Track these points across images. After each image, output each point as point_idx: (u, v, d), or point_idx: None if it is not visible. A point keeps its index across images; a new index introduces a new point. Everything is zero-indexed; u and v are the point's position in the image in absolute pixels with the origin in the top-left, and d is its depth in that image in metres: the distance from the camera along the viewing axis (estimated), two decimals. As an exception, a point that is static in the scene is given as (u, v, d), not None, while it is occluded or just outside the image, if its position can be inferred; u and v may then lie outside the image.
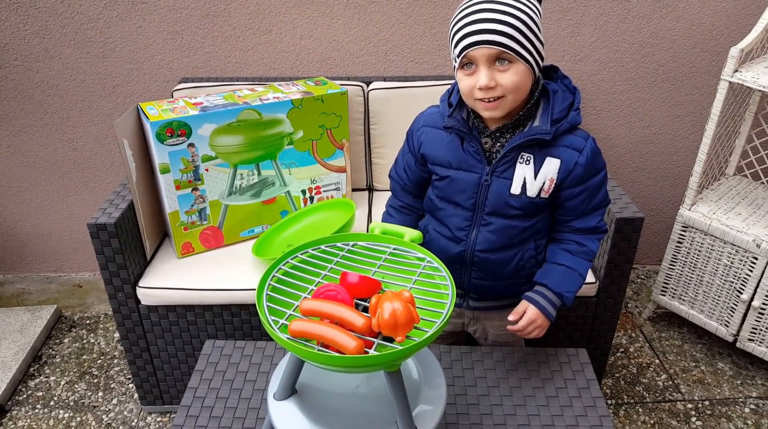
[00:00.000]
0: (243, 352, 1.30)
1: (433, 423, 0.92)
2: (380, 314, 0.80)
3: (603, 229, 1.23)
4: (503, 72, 1.05)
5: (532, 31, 1.04)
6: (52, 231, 2.43)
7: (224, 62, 2.12)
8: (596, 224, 1.21)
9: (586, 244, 1.21)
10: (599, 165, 1.17)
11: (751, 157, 2.19)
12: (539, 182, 1.14)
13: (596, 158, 1.16)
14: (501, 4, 1.03)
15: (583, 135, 1.16)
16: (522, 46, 1.03)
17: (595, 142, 1.16)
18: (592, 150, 1.15)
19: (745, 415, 1.88)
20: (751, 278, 1.87)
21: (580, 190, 1.17)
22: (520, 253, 1.23)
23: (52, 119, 2.20)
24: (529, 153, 1.13)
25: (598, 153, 1.17)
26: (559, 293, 1.20)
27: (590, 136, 1.17)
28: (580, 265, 1.22)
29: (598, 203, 1.20)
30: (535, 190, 1.15)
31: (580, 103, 1.15)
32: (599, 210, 1.21)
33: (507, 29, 1.02)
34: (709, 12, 2.07)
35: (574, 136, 1.14)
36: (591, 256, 1.22)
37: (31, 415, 1.90)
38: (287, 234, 1.84)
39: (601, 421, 1.14)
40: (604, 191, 1.20)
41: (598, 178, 1.17)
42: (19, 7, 2.00)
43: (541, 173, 1.14)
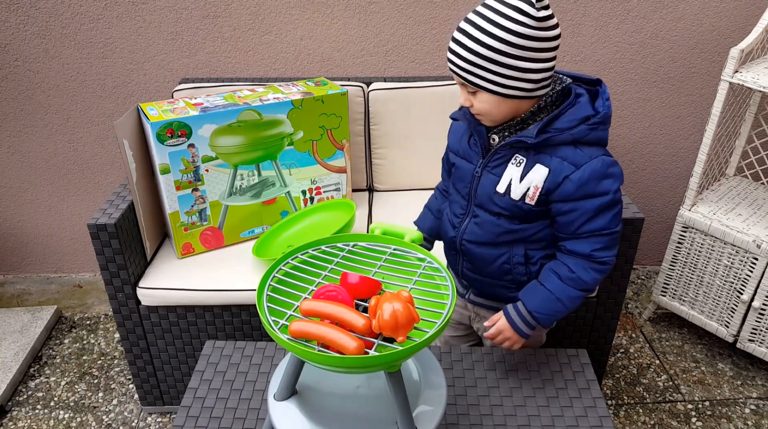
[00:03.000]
0: (243, 352, 1.30)
1: (433, 423, 0.92)
2: (380, 315, 0.80)
3: (600, 260, 1.12)
4: (473, 96, 1.10)
5: (496, 62, 1.02)
6: (53, 231, 2.43)
7: (224, 63, 2.12)
8: (589, 252, 1.12)
9: (577, 271, 1.13)
10: (601, 189, 1.08)
11: (752, 157, 2.19)
12: (524, 186, 1.12)
13: (598, 181, 1.08)
14: (474, 26, 1.02)
15: (593, 153, 1.08)
16: (481, 79, 1.04)
17: (607, 166, 1.08)
18: (594, 171, 1.07)
19: (745, 416, 1.88)
20: (752, 279, 1.87)
21: (570, 207, 1.10)
22: (507, 255, 1.20)
23: (53, 120, 2.20)
24: (523, 156, 1.12)
25: (605, 176, 1.08)
26: (533, 314, 1.16)
27: (605, 157, 1.08)
28: (565, 292, 1.14)
29: (594, 229, 1.11)
30: (518, 193, 1.13)
31: (602, 121, 1.08)
32: (596, 238, 1.11)
33: (463, 64, 1.04)
34: (710, 12, 2.07)
35: (579, 150, 1.08)
36: (581, 285, 1.14)
37: (31, 416, 1.90)
38: (287, 234, 1.84)
39: (601, 422, 1.14)
40: (606, 219, 1.10)
41: (596, 202, 1.09)
42: (19, 8, 2.00)
43: (527, 178, 1.12)
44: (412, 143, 2.03)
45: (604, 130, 1.10)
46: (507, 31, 0.99)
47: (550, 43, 1.02)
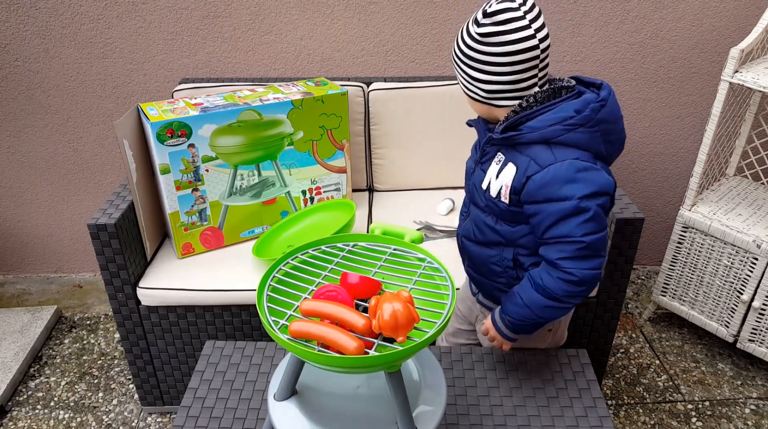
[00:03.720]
0: (243, 352, 1.30)
1: (433, 424, 0.92)
2: (380, 315, 0.80)
3: (566, 270, 1.05)
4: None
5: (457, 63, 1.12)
6: (53, 231, 2.43)
7: (224, 63, 2.12)
8: (555, 259, 1.07)
9: (544, 278, 1.09)
10: (562, 193, 1.03)
11: (752, 157, 2.19)
12: (498, 184, 1.13)
13: (561, 184, 1.03)
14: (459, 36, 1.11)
15: (565, 156, 1.04)
16: (458, 76, 1.14)
17: (576, 170, 1.03)
18: (557, 173, 1.03)
19: (745, 416, 1.88)
20: (752, 279, 1.87)
21: (534, 210, 1.08)
22: (498, 256, 1.20)
23: (53, 120, 2.20)
24: (503, 154, 1.13)
25: (570, 181, 1.03)
26: (504, 317, 1.17)
27: (578, 161, 1.03)
28: (532, 299, 1.11)
29: (558, 236, 1.05)
30: (495, 190, 1.14)
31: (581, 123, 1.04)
32: (562, 245, 1.06)
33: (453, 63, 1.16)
34: (710, 13, 2.07)
35: (551, 151, 1.05)
36: (547, 293, 1.09)
37: (31, 416, 1.90)
38: (287, 234, 1.84)
39: (601, 422, 1.14)
40: (571, 226, 1.04)
41: (558, 207, 1.04)
42: (19, 8, 2.00)
43: (501, 175, 1.12)
44: (412, 143, 2.03)
45: (584, 133, 1.04)
46: (461, 40, 1.09)
47: (495, 58, 1.05)
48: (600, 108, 1.05)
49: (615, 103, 1.08)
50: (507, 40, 1.03)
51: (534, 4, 1.05)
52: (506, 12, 1.02)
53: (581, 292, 1.08)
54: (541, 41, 1.05)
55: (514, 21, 1.02)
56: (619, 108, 1.10)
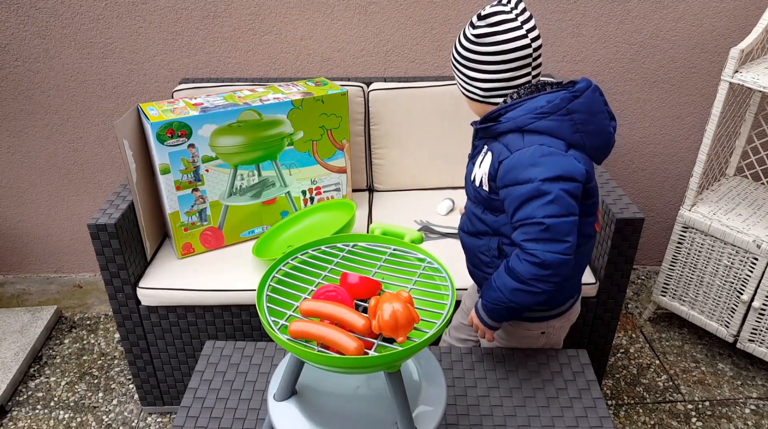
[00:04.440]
0: (243, 352, 1.30)
1: (433, 424, 0.92)
2: (380, 315, 0.80)
3: (528, 251, 1.07)
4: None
5: (455, 65, 1.19)
6: (53, 231, 2.43)
7: (224, 63, 2.12)
8: (520, 241, 1.08)
9: (512, 260, 1.11)
10: (524, 176, 1.06)
11: (752, 157, 2.19)
12: (480, 172, 1.18)
13: (524, 168, 1.06)
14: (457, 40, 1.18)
15: (530, 140, 1.08)
16: (456, 78, 1.22)
17: (540, 155, 1.06)
18: (522, 157, 1.07)
19: (745, 416, 1.88)
20: (752, 279, 1.87)
21: (504, 194, 1.11)
22: (486, 244, 1.23)
23: (53, 120, 2.20)
24: (486, 144, 1.20)
25: (533, 165, 1.05)
26: (482, 300, 1.19)
27: (544, 146, 1.06)
28: (500, 277, 1.14)
29: (522, 218, 1.07)
30: (478, 179, 1.19)
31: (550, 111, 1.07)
32: (525, 227, 1.07)
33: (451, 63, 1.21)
34: (710, 13, 2.07)
35: (522, 138, 1.09)
36: (514, 275, 1.10)
37: (31, 416, 1.90)
38: (287, 235, 1.84)
39: (601, 422, 1.14)
40: (532, 208, 1.06)
41: (520, 190, 1.06)
42: (19, 8, 2.00)
43: (482, 164, 1.18)
44: (412, 143, 2.03)
45: (554, 121, 1.07)
46: (458, 43, 1.16)
47: (490, 57, 1.12)
48: (572, 98, 1.08)
49: (594, 96, 1.10)
50: (500, 39, 1.11)
51: (525, 7, 1.13)
52: (499, 14, 1.11)
53: (547, 275, 1.07)
54: (532, 41, 1.12)
55: (507, 22, 1.10)
56: (601, 102, 1.12)
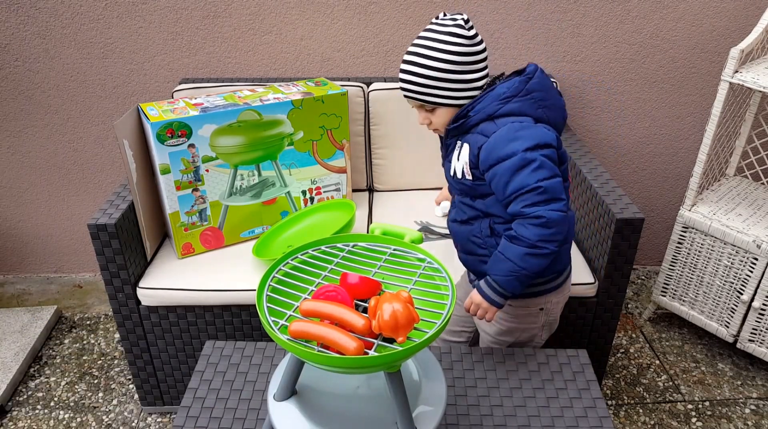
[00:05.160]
0: (243, 352, 1.30)
1: (433, 424, 0.92)
2: (380, 315, 0.80)
3: (532, 215, 1.15)
4: (431, 113, 1.26)
5: (448, 80, 1.19)
6: (53, 231, 2.43)
7: (224, 63, 2.12)
8: (520, 209, 1.16)
9: (516, 229, 1.18)
10: (507, 150, 1.15)
11: (752, 157, 2.19)
12: (460, 165, 1.25)
13: (505, 143, 1.15)
14: (419, 56, 1.19)
15: (504, 123, 1.18)
16: (438, 96, 1.21)
17: (515, 131, 1.16)
18: (499, 137, 1.16)
19: (745, 416, 1.88)
20: (752, 279, 1.87)
21: (491, 174, 1.19)
22: (478, 227, 1.30)
23: (53, 120, 2.20)
24: (458, 140, 1.26)
25: (512, 140, 1.15)
26: (490, 276, 1.22)
27: (515, 124, 1.17)
28: (510, 250, 1.19)
29: (516, 190, 1.15)
30: (459, 172, 1.26)
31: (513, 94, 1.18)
32: (521, 196, 1.16)
33: (419, 88, 1.21)
34: (710, 13, 2.07)
35: (493, 123, 1.19)
36: (523, 241, 1.17)
37: (31, 416, 1.90)
38: (287, 235, 1.84)
39: (601, 422, 1.14)
40: (523, 177, 1.14)
41: (507, 164, 1.15)
42: (19, 8, 2.00)
43: (460, 157, 1.25)
44: (412, 143, 2.03)
45: (518, 102, 1.18)
46: (451, 53, 1.17)
47: (483, 54, 1.21)
48: (527, 80, 1.20)
49: (543, 75, 1.22)
50: (480, 38, 1.21)
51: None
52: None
53: (552, 234, 1.15)
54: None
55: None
56: (548, 78, 1.24)
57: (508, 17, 2.07)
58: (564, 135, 2.08)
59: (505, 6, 2.05)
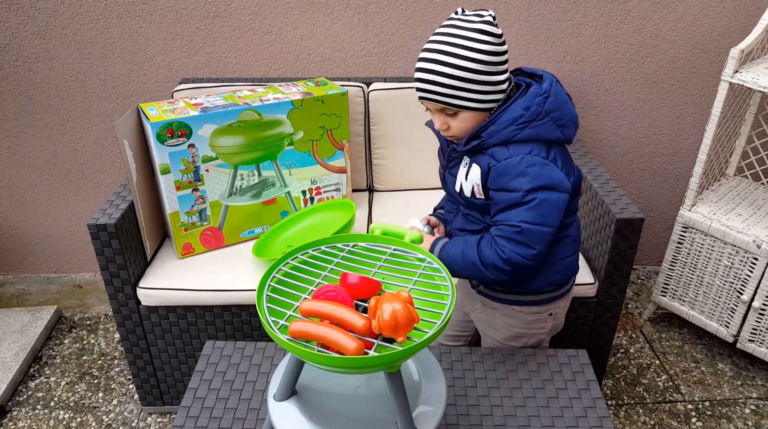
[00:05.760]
0: (243, 352, 1.30)
1: (433, 424, 0.92)
2: (380, 316, 0.80)
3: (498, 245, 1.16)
4: (452, 118, 1.17)
5: (475, 81, 1.10)
6: (53, 232, 2.43)
7: (224, 63, 2.12)
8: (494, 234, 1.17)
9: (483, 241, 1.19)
10: (513, 184, 1.13)
11: (752, 157, 2.19)
12: (469, 185, 1.21)
13: (513, 176, 1.13)
14: (445, 54, 1.10)
15: (517, 151, 1.13)
16: (463, 99, 1.12)
17: (526, 165, 1.12)
18: (508, 167, 1.13)
19: (745, 416, 1.88)
20: (752, 279, 1.87)
21: (491, 195, 1.18)
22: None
23: (53, 120, 2.20)
24: (468, 157, 1.21)
25: (520, 174, 1.12)
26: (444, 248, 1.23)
27: (530, 156, 1.12)
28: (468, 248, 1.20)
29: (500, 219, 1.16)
30: (468, 190, 1.22)
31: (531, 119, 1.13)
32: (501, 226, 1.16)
33: (444, 89, 1.11)
34: (710, 13, 2.07)
35: (506, 149, 1.14)
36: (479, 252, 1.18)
37: (31, 416, 1.90)
38: (287, 235, 1.84)
39: (601, 422, 1.14)
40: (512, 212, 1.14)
41: (506, 196, 1.14)
42: (19, 8, 2.00)
43: (469, 177, 1.21)
44: (412, 143, 2.03)
45: (536, 127, 1.13)
46: (480, 52, 1.08)
47: (507, 54, 1.13)
48: (545, 100, 1.14)
49: (559, 90, 1.16)
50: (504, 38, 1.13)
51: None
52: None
53: (505, 271, 1.17)
54: None
55: None
56: (564, 92, 1.18)
57: (508, 17, 2.07)
58: (564, 135, 2.07)
59: (505, 6, 2.05)
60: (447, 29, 1.11)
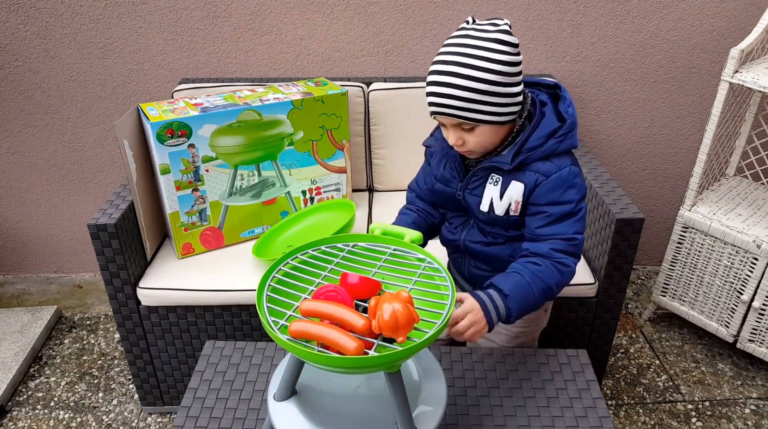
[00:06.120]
0: (243, 352, 1.30)
1: (433, 424, 0.92)
2: (380, 316, 0.80)
3: (559, 260, 1.12)
4: (469, 133, 1.11)
5: (493, 94, 1.05)
6: (53, 232, 2.43)
7: (224, 63, 2.12)
8: (548, 250, 1.13)
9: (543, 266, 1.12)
10: (565, 197, 1.12)
11: (752, 157, 2.19)
12: (505, 203, 1.17)
13: (564, 188, 1.12)
14: (461, 65, 1.04)
15: (563, 163, 1.13)
16: (481, 113, 1.06)
17: (573, 176, 1.13)
18: (560, 180, 1.12)
19: (745, 416, 1.88)
20: (752, 279, 1.87)
21: (536, 210, 1.15)
22: (511, 248, 1.25)
23: (53, 120, 2.20)
24: (499, 175, 1.16)
25: (570, 186, 1.12)
26: (506, 301, 1.09)
27: (573, 167, 1.13)
28: (535, 279, 1.11)
29: (552, 233, 1.14)
30: (501, 209, 1.18)
31: (569, 130, 1.13)
32: (553, 240, 1.13)
33: (461, 103, 1.06)
34: (710, 13, 2.07)
35: (550, 162, 1.13)
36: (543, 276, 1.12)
37: (31, 416, 1.90)
38: (287, 235, 1.84)
39: (601, 422, 1.14)
40: (565, 225, 1.13)
41: (558, 209, 1.13)
42: (19, 8, 2.00)
43: (506, 195, 1.16)
44: (412, 143, 2.03)
45: (572, 137, 1.14)
46: (498, 63, 1.03)
47: (522, 65, 1.09)
48: (567, 108, 1.15)
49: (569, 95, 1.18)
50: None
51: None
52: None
53: (564, 284, 1.15)
54: None
55: None
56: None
57: (507, 17, 2.07)
58: (564, 135, 2.08)
59: (505, 6, 2.05)
60: (461, 39, 1.06)
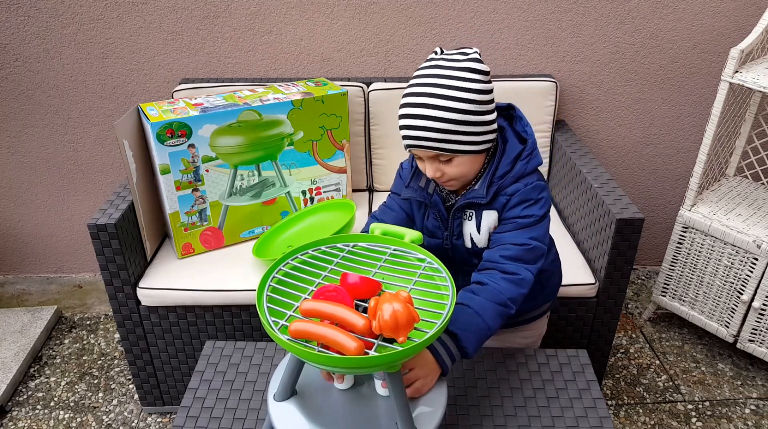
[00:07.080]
0: (243, 352, 1.30)
1: (433, 424, 0.92)
2: (380, 316, 0.80)
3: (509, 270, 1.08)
4: (446, 164, 1.09)
5: (468, 123, 1.03)
6: (53, 232, 2.43)
7: (224, 63, 2.12)
8: (497, 257, 1.09)
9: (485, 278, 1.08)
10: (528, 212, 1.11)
11: (752, 157, 2.19)
12: (484, 235, 1.16)
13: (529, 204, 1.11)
14: (434, 97, 1.02)
15: (528, 181, 1.11)
16: (458, 143, 1.05)
17: (538, 191, 1.11)
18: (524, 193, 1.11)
19: (745, 416, 1.88)
20: (752, 279, 1.87)
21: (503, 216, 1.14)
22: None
23: (53, 120, 2.20)
24: (471, 209, 1.16)
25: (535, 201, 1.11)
26: (461, 340, 1.02)
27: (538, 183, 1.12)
28: (481, 305, 1.05)
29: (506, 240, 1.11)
30: (483, 241, 1.17)
31: (532, 150, 1.12)
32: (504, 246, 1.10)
33: (438, 135, 1.04)
34: (710, 13, 2.07)
35: (517, 183, 1.12)
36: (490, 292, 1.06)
37: (31, 416, 1.90)
38: (287, 235, 1.84)
39: (601, 422, 1.14)
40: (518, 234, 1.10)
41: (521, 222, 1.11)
42: (19, 8, 2.00)
43: (482, 227, 1.15)
44: (412, 143, 2.03)
45: (536, 156, 1.13)
46: (472, 92, 1.02)
47: (493, 92, 1.07)
48: (525, 128, 1.14)
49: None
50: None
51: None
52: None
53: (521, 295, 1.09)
54: None
55: None
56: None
57: (508, 17, 2.07)
58: (564, 135, 2.08)
59: (505, 6, 2.05)
60: (432, 70, 1.04)
